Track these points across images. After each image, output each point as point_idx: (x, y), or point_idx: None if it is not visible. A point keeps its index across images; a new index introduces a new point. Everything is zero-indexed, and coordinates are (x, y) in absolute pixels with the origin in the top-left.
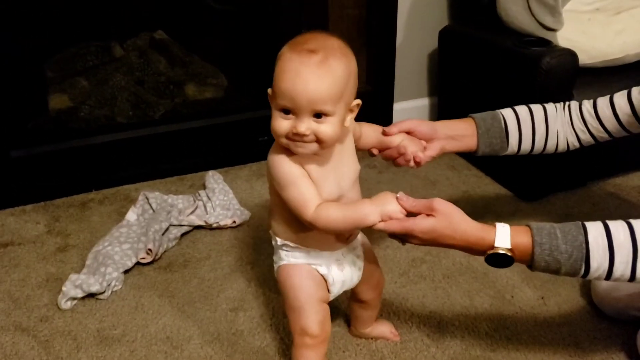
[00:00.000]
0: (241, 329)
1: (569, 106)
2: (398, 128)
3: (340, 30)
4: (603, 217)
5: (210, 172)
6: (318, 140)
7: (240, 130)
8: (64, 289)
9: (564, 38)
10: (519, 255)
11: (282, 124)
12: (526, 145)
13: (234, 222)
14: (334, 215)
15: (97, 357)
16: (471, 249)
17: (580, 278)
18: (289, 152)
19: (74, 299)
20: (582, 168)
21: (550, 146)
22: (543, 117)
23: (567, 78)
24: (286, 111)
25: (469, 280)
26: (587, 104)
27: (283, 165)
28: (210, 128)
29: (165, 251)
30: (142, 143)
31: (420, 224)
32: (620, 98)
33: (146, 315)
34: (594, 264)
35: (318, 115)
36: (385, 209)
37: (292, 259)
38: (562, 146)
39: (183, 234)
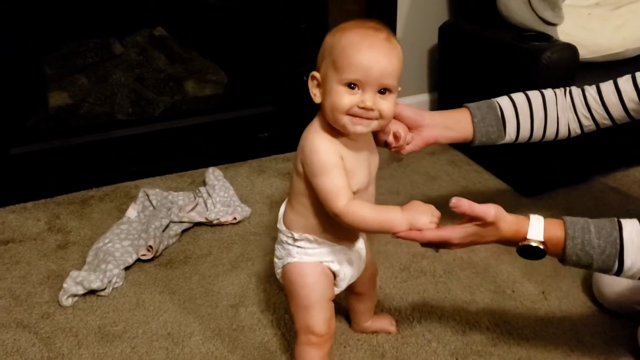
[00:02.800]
0: (242, 325)
1: (570, 92)
2: None
3: None
4: (605, 212)
5: (211, 169)
6: (379, 117)
7: (240, 127)
8: (64, 285)
9: (564, 33)
10: (551, 248)
11: (346, 98)
12: (524, 133)
13: (235, 218)
14: (365, 214)
15: (98, 353)
16: (505, 243)
17: (614, 275)
18: (330, 137)
19: (74, 295)
20: (583, 163)
21: (550, 133)
22: (541, 103)
23: (567, 73)
24: (352, 86)
25: (469, 275)
26: (590, 90)
27: (323, 151)
28: (210, 125)
29: (165, 248)
30: (142, 140)
31: (461, 232)
32: (625, 84)
33: (147, 312)
34: (627, 261)
35: (382, 91)
36: (416, 220)
37: (304, 257)
38: (563, 133)
39: (184, 231)
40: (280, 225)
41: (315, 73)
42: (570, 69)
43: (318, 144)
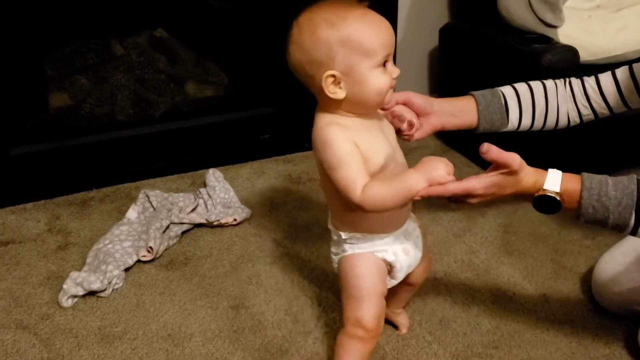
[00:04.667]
0: (242, 326)
1: (569, 82)
2: (395, 99)
3: None
4: None
5: (211, 170)
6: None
7: (240, 128)
8: (64, 286)
9: (565, 35)
10: (567, 200)
11: (386, 77)
12: (526, 121)
13: (235, 220)
14: (381, 193)
15: (98, 354)
16: (522, 195)
17: (630, 235)
18: (339, 127)
19: (75, 296)
20: (582, 164)
21: (550, 122)
22: (542, 93)
23: (568, 75)
24: (384, 65)
25: (470, 277)
26: (589, 81)
27: (336, 142)
28: (210, 126)
29: (166, 249)
30: (142, 141)
31: (485, 181)
32: (622, 74)
33: (147, 313)
34: None
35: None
36: (432, 175)
37: (357, 250)
38: (563, 122)
39: (184, 232)
40: (330, 225)
41: (332, 72)
42: (570, 71)
43: (329, 136)
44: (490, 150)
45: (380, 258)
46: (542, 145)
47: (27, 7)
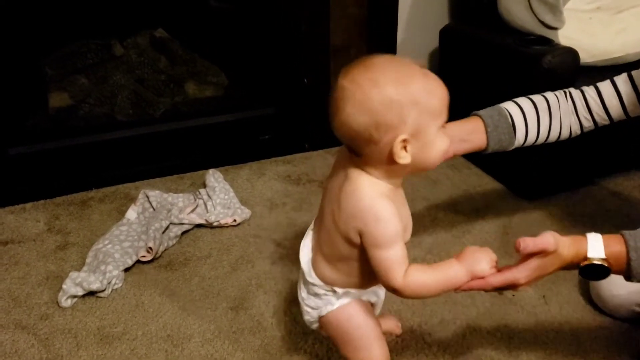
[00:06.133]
0: (242, 327)
1: (570, 94)
2: None
3: (341, 29)
4: (606, 216)
5: (211, 171)
6: None
7: (240, 129)
8: (64, 287)
9: (565, 37)
10: (615, 263)
11: (447, 140)
12: (531, 138)
13: (235, 220)
14: (424, 281)
15: (97, 355)
16: (567, 267)
17: None
18: (386, 197)
19: (74, 297)
20: (583, 166)
21: (553, 136)
22: (546, 108)
23: (568, 77)
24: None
25: None
26: (590, 92)
27: (389, 220)
28: (210, 126)
29: (165, 249)
30: (142, 141)
31: (525, 270)
32: (624, 85)
33: (147, 314)
34: None
35: None
36: (474, 269)
37: (344, 300)
38: (565, 134)
39: (183, 233)
40: (312, 279)
41: (405, 136)
42: (570, 73)
43: (385, 213)
44: (526, 245)
45: (366, 301)
46: (543, 149)
47: (27, 7)
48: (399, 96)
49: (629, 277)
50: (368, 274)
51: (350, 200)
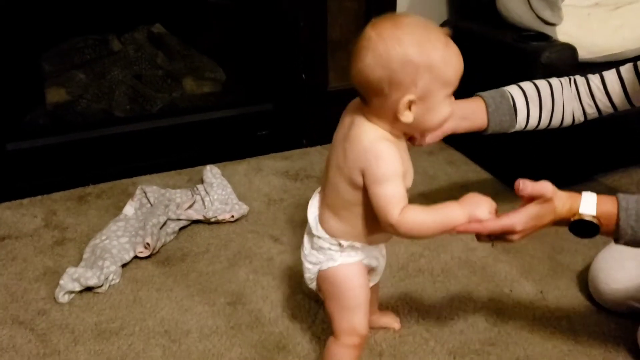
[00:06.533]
0: (240, 322)
1: (574, 81)
2: None
3: (339, 24)
4: None
5: (209, 167)
6: None
7: (238, 125)
8: (61, 282)
9: (564, 33)
10: (605, 222)
11: (450, 107)
12: (533, 122)
13: (232, 216)
14: (421, 219)
15: (94, 350)
16: (559, 222)
17: None
18: (391, 142)
19: (71, 292)
20: (582, 163)
21: (556, 121)
22: (549, 93)
23: (567, 73)
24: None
25: (467, 274)
26: (594, 79)
27: (390, 158)
28: (208, 122)
29: (163, 245)
30: (139, 137)
31: (523, 216)
32: (628, 73)
33: (144, 309)
34: None
35: None
36: (474, 212)
37: (348, 259)
38: (567, 121)
39: (181, 228)
40: (319, 232)
41: (412, 97)
42: (569, 69)
43: (385, 152)
44: (525, 187)
45: (367, 265)
46: (541, 144)
47: (24, 2)
48: (416, 59)
49: (616, 238)
50: (371, 223)
51: (355, 142)
